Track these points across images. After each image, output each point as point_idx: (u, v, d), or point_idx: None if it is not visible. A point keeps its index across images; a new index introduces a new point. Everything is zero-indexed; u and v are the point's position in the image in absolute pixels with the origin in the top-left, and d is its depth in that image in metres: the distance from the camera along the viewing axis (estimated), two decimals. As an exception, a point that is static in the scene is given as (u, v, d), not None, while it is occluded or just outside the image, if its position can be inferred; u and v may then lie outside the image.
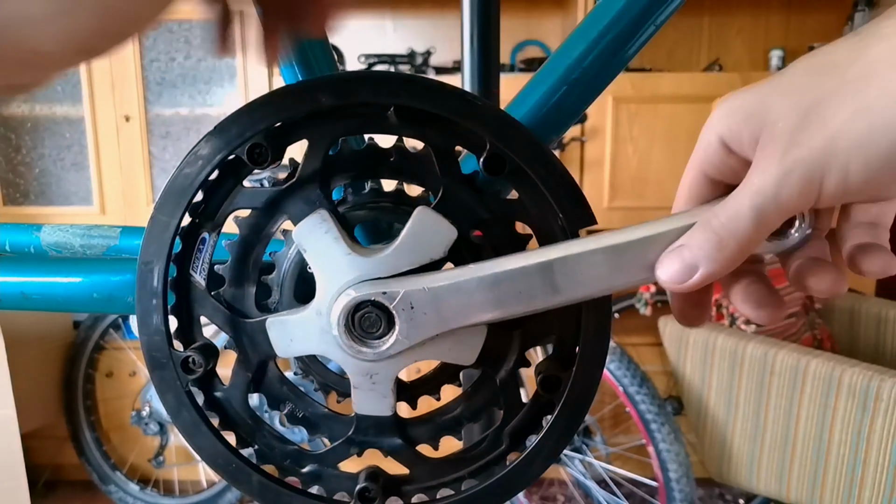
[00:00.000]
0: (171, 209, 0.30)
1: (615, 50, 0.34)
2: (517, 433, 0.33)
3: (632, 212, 2.00)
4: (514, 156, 0.29)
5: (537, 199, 0.31)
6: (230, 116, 0.29)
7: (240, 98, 1.96)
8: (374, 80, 0.29)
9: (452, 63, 2.16)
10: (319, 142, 0.31)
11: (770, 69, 2.10)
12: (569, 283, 0.28)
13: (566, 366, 0.32)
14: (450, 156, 0.31)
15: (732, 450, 1.39)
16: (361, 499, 0.32)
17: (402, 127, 0.31)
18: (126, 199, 2.00)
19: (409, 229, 0.30)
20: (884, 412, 1.12)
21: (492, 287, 0.28)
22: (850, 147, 0.21)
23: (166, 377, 0.31)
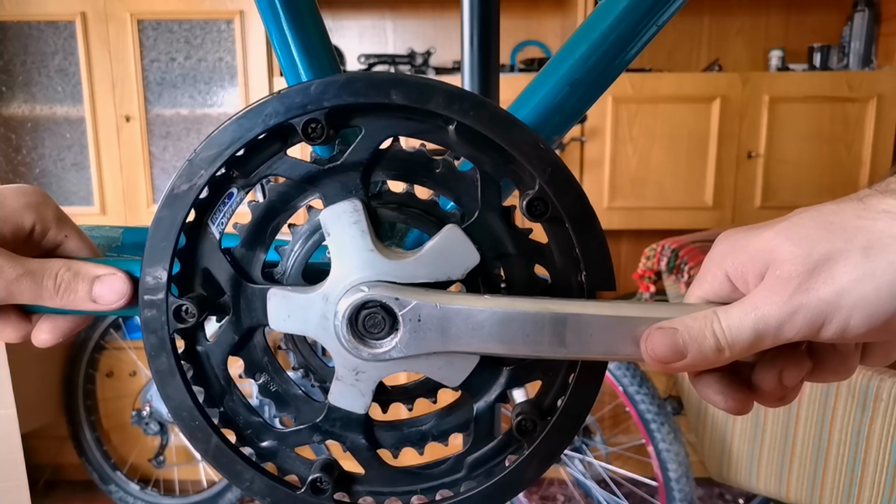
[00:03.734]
0: (212, 157, 0.30)
1: (617, 51, 0.34)
2: (478, 463, 0.33)
3: (632, 212, 2.00)
4: (559, 206, 0.29)
5: (567, 251, 0.31)
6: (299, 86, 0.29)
7: (240, 98, 1.97)
8: (448, 93, 0.29)
9: (452, 63, 2.16)
10: (374, 134, 0.31)
11: (770, 69, 2.10)
12: (577, 340, 0.28)
13: (544, 414, 0.32)
14: (494, 184, 0.31)
15: (732, 449, 1.39)
16: (312, 487, 0.32)
17: (459, 144, 0.31)
18: (126, 199, 2.01)
19: (435, 244, 0.30)
20: (883, 412, 1.12)
21: (502, 323, 0.29)
22: (854, 304, 0.25)
23: (155, 318, 0.31)
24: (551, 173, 0.29)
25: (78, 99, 1.96)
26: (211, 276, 0.32)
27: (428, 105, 0.29)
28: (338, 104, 0.29)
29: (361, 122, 0.31)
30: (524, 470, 0.31)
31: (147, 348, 0.31)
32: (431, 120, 0.31)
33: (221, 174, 0.30)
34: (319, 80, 0.29)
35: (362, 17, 2.21)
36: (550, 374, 0.33)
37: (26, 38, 1.94)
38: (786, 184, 1.99)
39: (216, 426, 0.33)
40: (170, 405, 0.32)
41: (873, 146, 1.95)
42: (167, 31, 1.94)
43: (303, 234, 0.34)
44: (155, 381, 0.32)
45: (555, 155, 0.30)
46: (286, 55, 0.44)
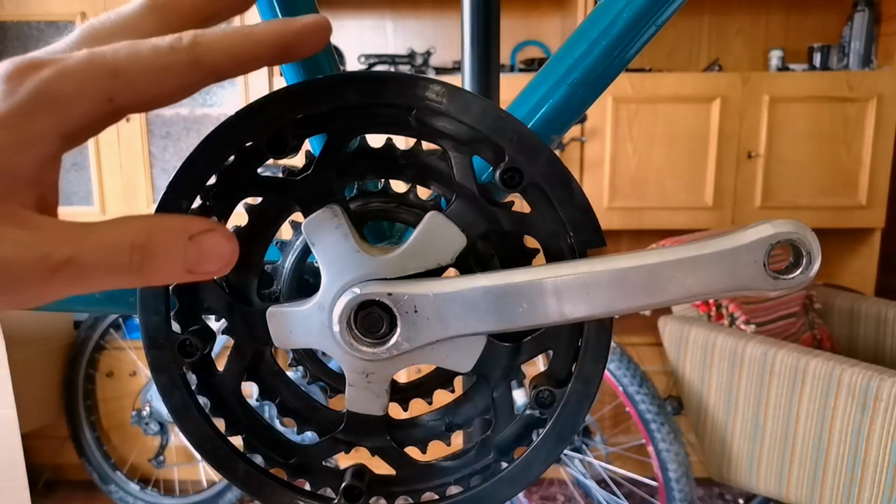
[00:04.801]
0: (183, 190, 0.29)
1: (616, 50, 0.34)
2: (506, 445, 0.33)
3: (632, 212, 2.00)
4: (533, 172, 0.29)
5: (550, 216, 0.31)
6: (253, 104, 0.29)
7: (240, 98, 1.97)
8: (400, 82, 0.29)
9: (452, 63, 2.16)
10: (340, 137, 0.31)
11: (770, 69, 2.10)
12: (575, 302, 0.28)
13: (561, 383, 0.32)
14: (466, 164, 0.31)
15: (732, 449, 1.39)
16: (347, 496, 0.32)
17: (423, 131, 0.31)
18: (126, 199, 2.01)
19: (419, 233, 0.30)
20: (883, 412, 1.12)
21: (498, 299, 0.28)
22: None
23: (162, 357, 0.31)
24: (518, 141, 0.29)
25: (78, 99, 1.96)
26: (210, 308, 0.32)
27: (383, 98, 0.29)
28: (296, 115, 0.29)
29: (325, 126, 0.30)
30: (550, 440, 0.31)
31: (159, 388, 0.31)
32: (392, 112, 0.30)
33: (197, 206, 0.30)
34: (271, 95, 0.29)
35: (362, 17, 2.21)
36: (559, 341, 0.32)
37: (26, 38, 1.94)
38: (786, 184, 1.99)
39: (242, 453, 0.32)
40: (192, 440, 0.31)
41: (873, 146, 1.95)
42: (167, 31, 1.94)
43: (291, 249, 0.33)
44: (173, 419, 0.31)
45: (519, 123, 0.29)
46: (286, 55, 0.44)
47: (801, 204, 1.99)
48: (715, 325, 1.46)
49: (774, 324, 1.56)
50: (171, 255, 0.21)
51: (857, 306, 1.68)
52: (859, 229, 2.04)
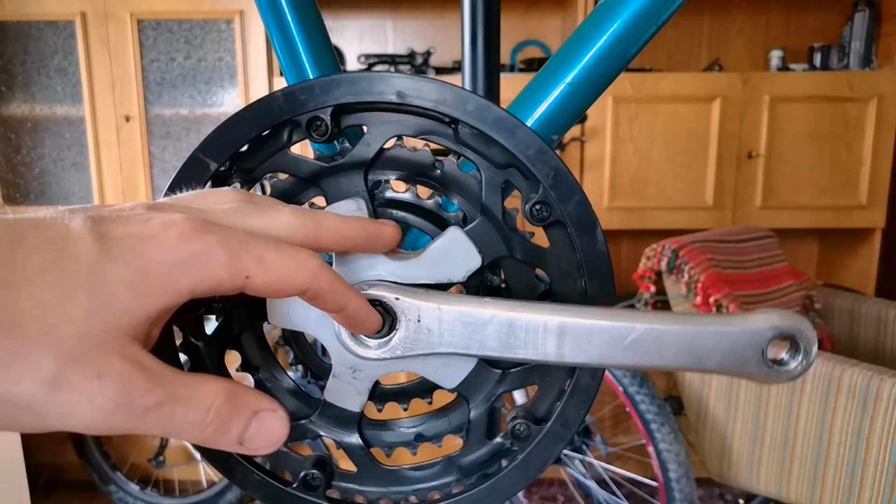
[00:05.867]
0: (216, 152, 0.29)
1: (616, 50, 0.34)
2: (471, 467, 0.33)
3: (632, 212, 2.00)
4: (562, 210, 0.29)
5: (567, 256, 0.31)
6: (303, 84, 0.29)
7: (240, 98, 1.97)
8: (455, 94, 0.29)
9: (452, 63, 2.16)
10: (379, 133, 0.31)
11: (770, 69, 2.10)
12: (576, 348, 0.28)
13: (539, 420, 0.32)
14: (496, 187, 0.31)
15: (732, 450, 1.39)
16: (304, 483, 0.32)
17: (463, 146, 0.31)
18: (126, 199, 2.00)
19: (437, 246, 0.30)
20: (884, 412, 1.12)
21: (503, 328, 0.29)
22: None
23: None
24: (554, 177, 0.29)
25: (78, 99, 1.96)
26: None
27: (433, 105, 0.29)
28: (342, 102, 0.29)
29: (366, 120, 0.31)
30: (516, 474, 0.31)
31: None
32: (436, 120, 0.30)
33: (223, 170, 0.30)
34: (324, 78, 0.29)
35: (362, 17, 2.21)
36: (547, 380, 0.33)
37: (26, 38, 1.94)
38: (786, 184, 1.99)
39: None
40: None
41: (873, 146, 1.95)
42: (167, 31, 1.94)
43: None
44: None
45: (558, 159, 0.29)
46: (286, 55, 0.44)
47: (801, 204, 1.99)
48: (715, 325, 1.46)
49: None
50: (237, 425, 0.23)
51: (858, 306, 1.68)
52: (859, 229, 2.04)
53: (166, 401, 0.21)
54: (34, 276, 0.19)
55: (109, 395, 0.20)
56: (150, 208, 0.23)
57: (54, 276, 0.19)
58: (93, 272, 0.20)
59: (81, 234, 0.20)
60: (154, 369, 0.21)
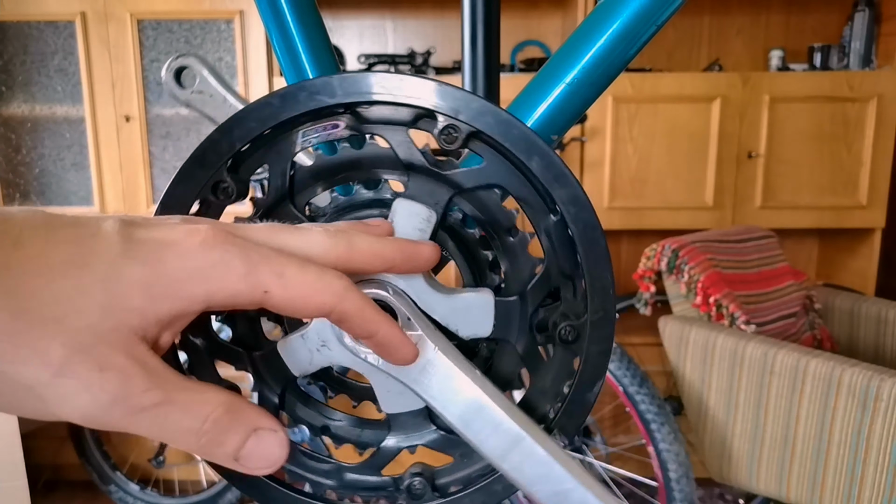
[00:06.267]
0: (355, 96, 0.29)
1: (616, 50, 0.34)
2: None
3: (632, 212, 2.00)
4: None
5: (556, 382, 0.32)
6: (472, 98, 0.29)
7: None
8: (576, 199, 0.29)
9: (452, 63, 2.16)
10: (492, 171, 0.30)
11: (770, 69, 2.10)
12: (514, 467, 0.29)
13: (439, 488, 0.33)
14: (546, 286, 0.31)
15: (732, 450, 1.39)
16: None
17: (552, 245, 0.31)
18: (126, 199, 2.00)
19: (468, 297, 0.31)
20: (884, 412, 1.12)
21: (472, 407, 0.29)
22: None
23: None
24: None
25: (78, 99, 1.96)
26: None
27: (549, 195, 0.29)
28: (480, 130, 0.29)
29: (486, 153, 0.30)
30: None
31: None
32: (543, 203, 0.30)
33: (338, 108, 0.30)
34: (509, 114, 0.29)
35: (362, 17, 2.21)
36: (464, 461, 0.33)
37: (26, 38, 1.94)
38: (786, 184, 1.99)
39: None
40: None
41: (873, 146, 1.95)
42: (167, 31, 1.94)
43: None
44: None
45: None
46: (286, 55, 0.44)
47: (801, 204, 1.99)
48: (715, 325, 1.46)
49: (775, 324, 1.56)
50: (234, 439, 0.23)
51: (858, 306, 1.68)
52: (859, 229, 2.04)
53: (163, 403, 0.21)
54: (57, 267, 0.20)
55: (108, 389, 0.20)
56: (185, 220, 0.23)
57: (75, 268, 0.20)
58: (111, 270, 0.21)
59: (109, 233, 0.21)
60: (157, 370, 0.21)
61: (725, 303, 1.48)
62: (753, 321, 1.47)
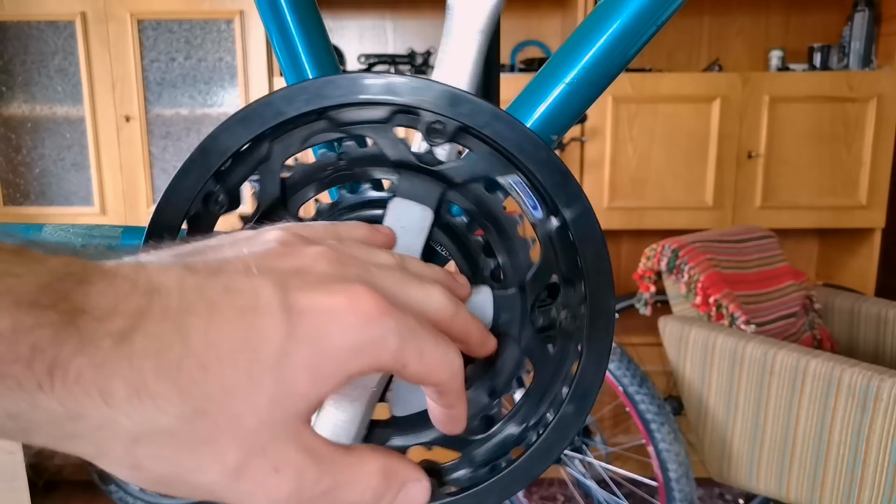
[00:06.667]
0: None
1: (616, 50, 0.34)
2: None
3: (632, 212, 2.00)
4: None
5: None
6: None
7: (240, 98, 1.97)
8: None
9: (452, 63, 2.16)
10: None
11: (770, 69, 2.10)
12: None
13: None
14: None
15: (732, 450, 1.39)
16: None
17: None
18: (126, 199, 2.00)
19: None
20: (884, 412, 1.12)
21: None
22: None
23: None
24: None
25: (78, 99, 1.96)
26: None
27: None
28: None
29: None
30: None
31: None
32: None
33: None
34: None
35: (362, 17, 2.21)
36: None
37: (26, 38, 1.94)
38: (786, 184, 1.99)
39: None
40: None
41: (873, 146, 1.95)
42: (167, 31, 1.94)
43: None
44: None
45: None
46: (285, 55, 0.44)
47: (801, 204, 1.99)
48: (715, 325, 1.46)
49: (774, 324, 1.56)
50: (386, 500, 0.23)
51: (858, 306, 1.68)
52: (859, 229, 2.04)
53: (332, 488, 0.21)
54: (226, 358, 0.19)
55: (284, 489, 0.20)
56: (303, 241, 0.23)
57: (245, 357, 0.19)
58: (280, 356, 0.20)
59: (270, 306, 0.20)
60: (323, 455, 0.21)
61: (725, 303, 1.48)
62: (753, 321, 1.47)
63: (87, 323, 0.17)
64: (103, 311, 0.17)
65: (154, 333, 0.18)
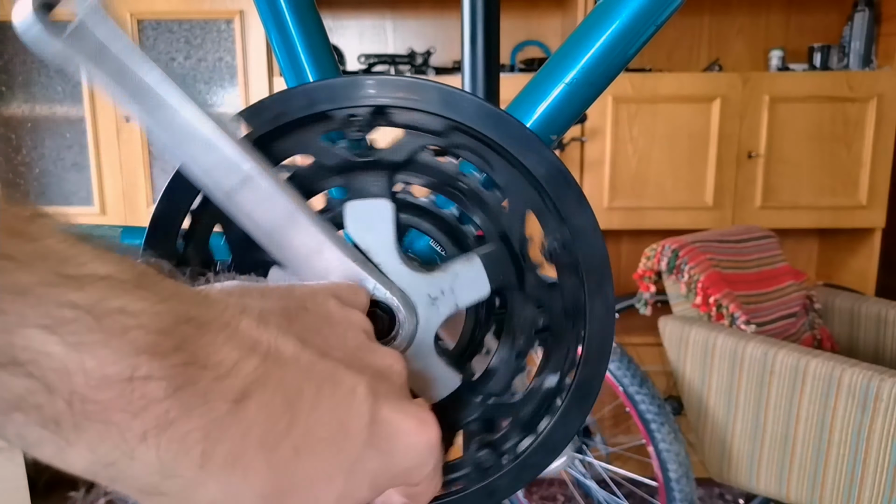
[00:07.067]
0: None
1: (615, 50, 0.34)
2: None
3: (632, 212, 2.00)
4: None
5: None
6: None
7: (240, 98, 1.97)
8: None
9: (452, 63, 2.16)
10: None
11: (770, 69, 2.10)
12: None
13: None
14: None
15: (732, 450, 1.39)
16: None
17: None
18: (126, 199, 2.00)
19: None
20: (884, 412, 1.12)
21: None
22: None
23: None
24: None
25: (78, 99, 1.96)
26: None
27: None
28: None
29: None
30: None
31: None
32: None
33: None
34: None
35: (362, 17, 2.21)
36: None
37: (26, 38, 1.94)
38: (786, 184, 1.99)
39: None
40: None
41: (873, 146, 1.95)
42: (167, 31, 1.94)
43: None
44: None
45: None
46: (285, 56, 0.44)
47: (801, 204, 1.99)
48: (715, 325, 1.46)
49: (775, 324, 1.56)
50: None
51: (858, 306, 1.68)
52: (859, 229, 2.04)
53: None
54: (317, 447, 0.19)
55: None
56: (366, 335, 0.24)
57: (330, 451, 0.20)
58: (356, 459, 0.20)
59: (362, 409, 0.21)
60: None
61: (725, 303, 1.48)
62: (753, 321, 1.47)
63: (206, 380, 0.17)
64: (224, 368, 0.17)
65: (267, 404, 0.18)
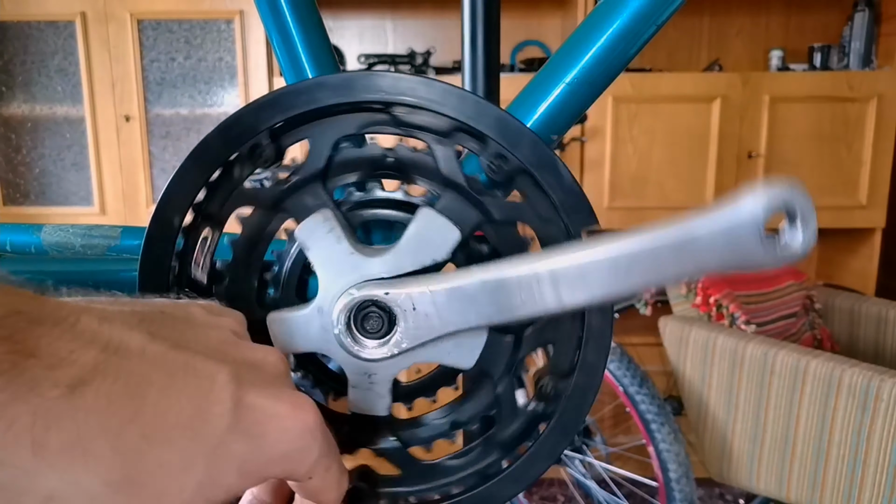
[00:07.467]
0: (175, 207, 0.30)
1: (615, 50, 0.33)
2: (510, 441, 0.33)
3: (632, 212, 2.00)
4: (518, 157, 0.29)
5: (541, 202, 0.31)
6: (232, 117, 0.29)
7: (240, 98, 1.97)
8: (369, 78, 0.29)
9: (452, 63, 2.16)
10: (324, 139, 0.31)
11: (770, 69, 2.10)
12: (573, 288, 0.27)
13: (564, 375, 0.32)
14: (451, 155, 0.31)
15: (732, 450, 1.39)
16: (353, 497, 0.32)
17: (402, 128, 0.31)
18: (126, 199, 2.01)
19: (412, 230, 0.30)
20: (884, 412, 1.12)
21: (496, 291, 0.28)
22: None
23: None
24: (498, 127, 0.29)
25: (78, 99, 1.96)
26: None
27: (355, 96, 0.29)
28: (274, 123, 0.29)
29: (306, 132, 0.31)
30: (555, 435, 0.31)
31: None
32: (371, 110, 0.30)
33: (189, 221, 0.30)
34: (249, 106, 0.29)
35: (362, 17, 2.21)
36: (559, 333, 0.32)
37: (26, 38, 1.94)
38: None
39: None
40: None
41: (873, 146, 1.95)
42: (167, 31, 1.94)
43: (287, 256, 0.33)
44: None
45: (498, 109, 0.29)
46: (285, 56, 0.44)
47: (801, 204, 1.99)
48: (715, 325, 1.46)
49: (775, 324, 1.56)
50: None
51: (858, 306, 1.68)
52: (859, 229, 2.04)
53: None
54: (170, 433, 0.19)
55: None
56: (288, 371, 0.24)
57: (185, 437, 0.19)
58: (218, 444, 0.20)
59: (222, 395, 0.20)
60: None
61: (725, 303, 1.48)
62: (753, 321, 1.47)
63: (36, 368, 0.16)
64: (56, 358, 0.17)
65: (107, 392, 0.17)
